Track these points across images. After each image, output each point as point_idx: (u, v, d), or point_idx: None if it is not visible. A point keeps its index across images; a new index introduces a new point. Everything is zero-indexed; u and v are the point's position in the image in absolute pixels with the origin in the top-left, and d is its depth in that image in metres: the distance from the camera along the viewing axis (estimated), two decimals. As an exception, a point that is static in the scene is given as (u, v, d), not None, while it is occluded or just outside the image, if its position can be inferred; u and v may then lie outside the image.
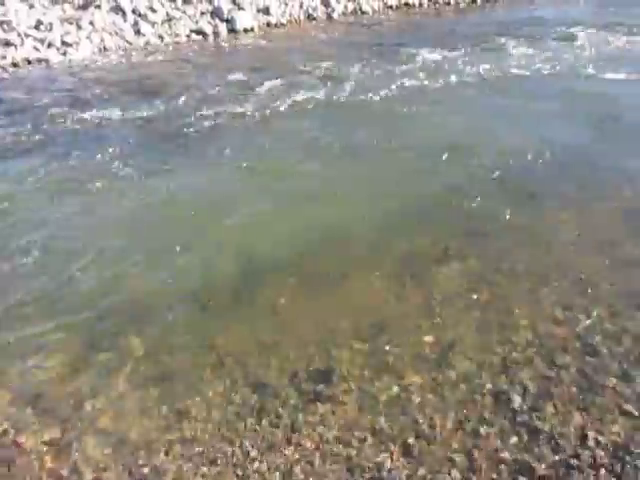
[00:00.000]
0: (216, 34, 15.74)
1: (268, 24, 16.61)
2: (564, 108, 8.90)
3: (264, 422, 3.66)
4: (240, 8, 16.56)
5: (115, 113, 9.42)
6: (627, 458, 3.29)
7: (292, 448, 3.46)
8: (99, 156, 7.79)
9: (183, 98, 10.10)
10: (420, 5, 18.55)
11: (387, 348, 4.22)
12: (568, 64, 11.19)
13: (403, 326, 4.45)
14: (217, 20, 16.14)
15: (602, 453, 3.32)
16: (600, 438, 3.41)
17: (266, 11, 16.83)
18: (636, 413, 3.56)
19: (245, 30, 16.04)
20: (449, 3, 18.70)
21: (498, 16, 16.84)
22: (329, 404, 3.77)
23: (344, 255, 5.44)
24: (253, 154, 7.74)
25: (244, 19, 16.16)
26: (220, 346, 4.38)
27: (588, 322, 4.37)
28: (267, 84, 10.70)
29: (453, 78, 10.54)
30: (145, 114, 9.37)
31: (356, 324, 4.50)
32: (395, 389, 3.87)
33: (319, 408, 3.74)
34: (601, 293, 4.69)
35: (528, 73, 10.80)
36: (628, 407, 3.61)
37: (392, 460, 3.35)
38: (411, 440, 3.48)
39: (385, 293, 4.84)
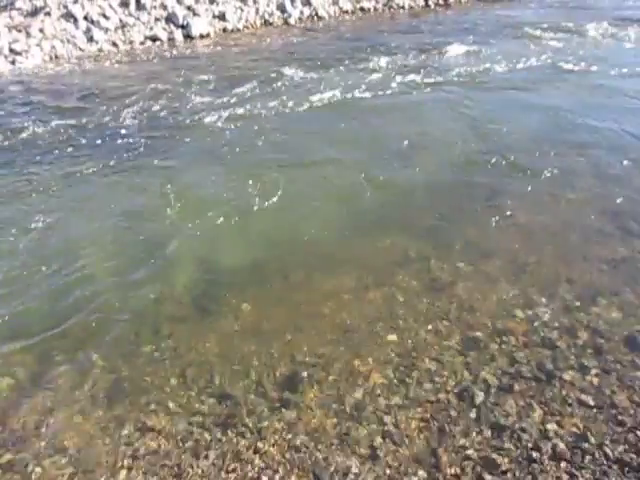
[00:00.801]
0: (171, 40, 15.55)
1: (224, 30, 16.50)
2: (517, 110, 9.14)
3: (230, 432, 3.62)
4: (195, 14, 16.41)
5: (67, 123, 9.19)
6: (586, 447, 3.39)
7: (259, 457, 3.44)
8: (55, 168, 7.59)
9: (138, 106, 9.93)
10: (375, 10, 18.76)
11: (352, 351, 4.24)
12: (520, 63, 11.49)
13: (367, 329, 4.47)
14: (172, 26, 15.95)
15: (562, 444, 3.42)
16: (560, 430, 3.50)
17: (222, 17, 16.72)
18: (593, 403, 3.67)
19: (201, 36, 15.90)
20: (403, 7, 18.98)
21: (451, 19, 17.18)
22: (295, 410, 3.76)
23: (307, 259, 5.45)
24: (216, 159, 7.66)
25: (200, 25, 16.02)
26: (183, 356, 4.32)
27: (546, 318, 4.49)
28: (223, 91, 10.62)
29: (407, 81, 10.69)
30: (99, 123, 9.18)
31: (320, 328, 4.50)
32: (360, 392, 3.89)
33: (285, 415, 3.73)
34: (558, 289, 4.82)
35: (488, 73, 11.04)
36: (585, 398, 3.72)
37: (359, 463, 3.36)
38: (377, 442, 3.50)
39: (348, 296, 4.86)
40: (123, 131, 8.79)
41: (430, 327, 4.44)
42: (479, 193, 6.47)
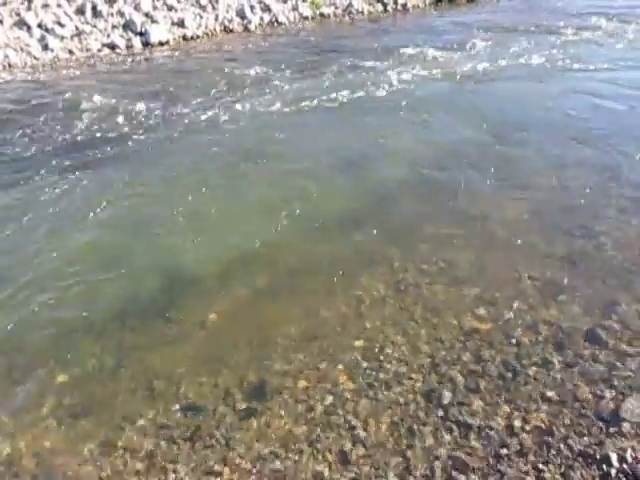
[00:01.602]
0: (130, 48, 15.31)
1: (184, 37, 16.34)
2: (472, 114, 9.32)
3: (198, 445, 3.56)
4: (154, 21, 16.21)
5: (20, 134, 8.94)
6: (551, 442, 3.46)
7: (228, 468, 3.39)
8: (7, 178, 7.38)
9: (94, 115, 9.74)
10: (335, 15, 18.89)
11: (320, 357, 4.23)
12: (484, 63, 11.72)
13: (334, 333, 4.47)
14: (130, 33, 15.71)
15: (529, 440, 3.47)
16: (526, 426, 3.56)
17: (181, 24, 16.56)
18: (557, 398, 3.75)
19: (160, 43, 15.70)
20: (362, 12, 19.16)
21: (410, 23, 17.44)
22: (264, 419, 3.73)
23: (273, 265, 5.42)
24: (175, 169, 7.56)
25: (158, 32, 15.83)
26: (149, 369, 4.24)
27: (509, 315, 4.57)
28: (182, 98, 10.51)
29: (371, 83, 10.77)
30: (54, 134, 8.95)
31: (287, 335, 4.48)
32: (330, 397, 3.88)
33: (254, 424, 3.70)
34: (519, 287, 4.92)
35: (448, 78, 11.22)
36: (549, 393, 3.79)
37: (330, 469, 3.35)
38: (348, 447, 3.50)
39: (315, 301, 4.86)
40: (81, 141, 8.60)
41: (397, 329, 4.47)
42: (441, 194, 6.57)
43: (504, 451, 3.40)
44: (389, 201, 6.45)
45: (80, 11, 15.65)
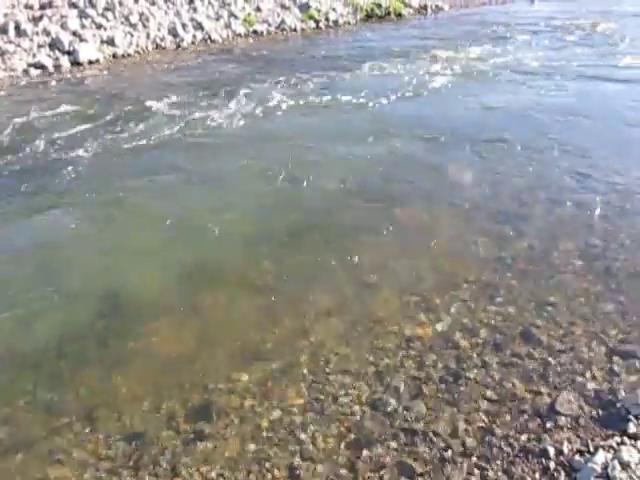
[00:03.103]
0: (58, 67, 14.86)
1: (114, 55, 16.03)
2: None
3: (141, 473, 3.44)
4: (82, 40, 15.82)
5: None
6: (493, 440, 3.56)
7: (174, 495, 3.30)
8: None
9: (13, 139, 9.37)
10: (268, 33, 19.04)
11: (265, 374, 4.20)
12: (417, 79, 12.10)
13: (279, 349, 4.45)
14: (58, 53, 15.27)
15: (472, 441, 3.56)
16: (468, 427, 3.66)
17: (111, 42, 16.24)
18: (496, 397, 3.88)
19: (90, 62, 15.34)
20: (295, 29, 19.41)
21: (342, 39, 17.83)
22: (210, 441, 3.66)
23: (213, 284, 5.35)
24: (112, 190, 7.37)
25: (87, 51, 15.45)
26: (88, 399, 4.07)
27: (448, 320, 4.69)
28: (105, 120, 10.28)
29: (304, 101, 10.91)
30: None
31: (231, 353, 4.43)
32: (277, 413, 3.85)
33: (200, 447, 3.61)
34: (457, 291, 5.06)
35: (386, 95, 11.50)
36: (489, 393, 3.91)
37: (279, 486, 3.32)
38: (296, 462, 3.47)
39: (258, 318, 4.82)
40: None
41: (341, 341, 4.50)
42: (376, 205, 6.69)
43: (449, 453, 3.47)
44: (326, 215, 6.51)
45: (2, 30, 15.11)
